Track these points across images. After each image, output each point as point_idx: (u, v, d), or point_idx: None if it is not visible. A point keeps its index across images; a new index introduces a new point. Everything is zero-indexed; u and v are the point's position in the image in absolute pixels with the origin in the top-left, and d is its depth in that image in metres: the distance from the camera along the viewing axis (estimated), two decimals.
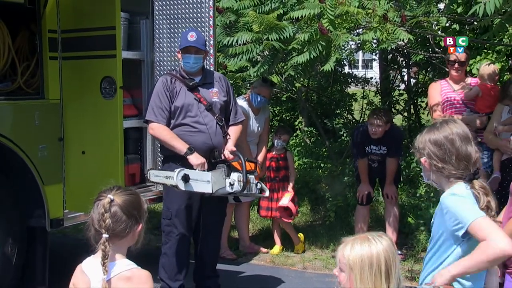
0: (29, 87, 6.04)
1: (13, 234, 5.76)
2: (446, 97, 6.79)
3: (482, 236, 2.78)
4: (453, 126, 3.08)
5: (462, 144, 3.01)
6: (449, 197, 2.95)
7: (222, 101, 5.93)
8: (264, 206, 7.78)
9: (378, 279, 2.63)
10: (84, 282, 2.92)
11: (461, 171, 2.99)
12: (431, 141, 3.07)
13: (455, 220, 2.87)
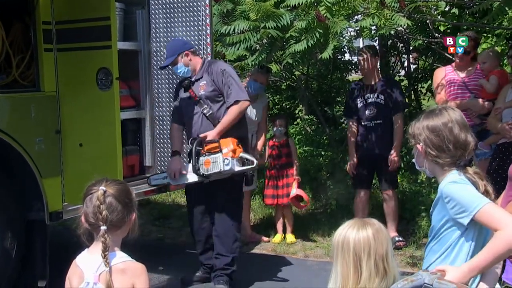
0: (24, 79, 6.01)
1: (12, 227, 5.76)
2: (450, 82, 6.78)
3: (495, 225, 2.74)
4: (452, 113, 3.03)
5: (460, 132, 2.97)
6: (450, 185, 2.90)
7: (209, 92, 6.11)
8: (269, 194, 7.81)
9: (349, 262, 2.66)
10: (78, 276, 2.92)
11: (456, 159, 2.96)
12: (429, 127, 3.02)
13: (459, 208, 2.83)
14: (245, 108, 6.16)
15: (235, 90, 6.06)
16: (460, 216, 2.83)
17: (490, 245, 2.75)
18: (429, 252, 3.03)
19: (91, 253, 2.92)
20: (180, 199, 9.82)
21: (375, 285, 2.64)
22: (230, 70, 6.20)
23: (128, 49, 6.77)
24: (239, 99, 6.04)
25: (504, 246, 2.70)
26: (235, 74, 6.19)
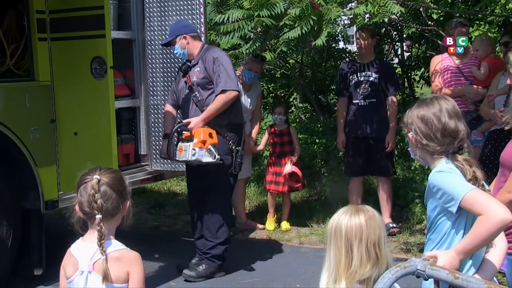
0: (18, 69, 6.01)
1: (8, 217, 5.79)
2: (446, 69, 6.81)
3: (478, 210, 2.76)
4: (443, 102, 3.04)
5: (449, 120, 2.97)
6: (436, 174, 2.93)
7: (200, 79, 6.14)
8: (271, 180, 7.79)
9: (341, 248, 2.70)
10: (72, 264, 2.93)
11: (445, 147, 2.97)
12: (419, 116, 3.03)
13: (447, 197, 2.84)
14: (232, 98, 6.06)
15: (224, 79, 6.03)
16: (449, 205, 2.85)
17: (474, 229, 2.77)
18: (428, 242, 3.05)
19: (86, 241, 2.92)
20: (175, 187, 9.83)
21: (367, 270, 2.66)
22: (223, 58, 6.15)
23: (122, 38, 6.76)
24: (226, 89, 6.01)
25: (486, 230, 2.72)
26: (227, 62, 6.13)
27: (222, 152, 6.06)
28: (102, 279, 2.82)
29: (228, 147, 6.11)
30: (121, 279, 2.85)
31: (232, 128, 6.17)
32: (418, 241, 6.99)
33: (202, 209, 6.32)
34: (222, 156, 6.05)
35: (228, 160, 6.12)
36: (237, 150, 6.13)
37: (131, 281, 2.87)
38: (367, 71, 7.41)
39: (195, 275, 6.14)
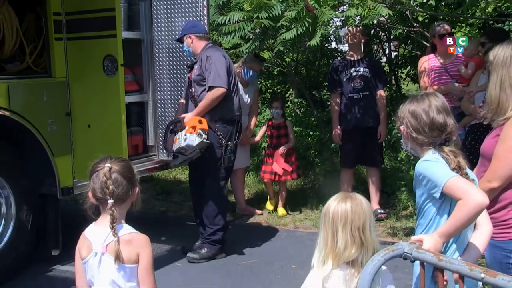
0: (37, 66, 6.01)
1: (27, 202, 5.82)
2: (433, 69, 6.80)
3: (458, 195, 2.77)
4: (433, 98, 3.05)
5: (437, 115, 2.98)
6: (421, 163, 2.96)
7: (196, 75, 6.16)
8: (267, 170, 7.79)
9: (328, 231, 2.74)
10: (86, 247, 2.94)
11: (433, 139, 2.98)
12: (410, 111, 3.05)
13: (431, 184, 2.86)
14: (220, 94, 6.00)
15: (212, 76, 6.00)
16: (433, 191, 2.87)
17: (454, 213, 2.78)
18: (417, 227, 3.06)
19: (99, 225, 2.93)
20: (180, 176, 9.83)
21: (352, 253, 2.69)
22: (214, 57, 6.07)
23: (132, 38, 6.75)
24: (213, 85, 5.99)
25: (466, 213, 2.74)
26: (219, 61, 6.05)
27: (213, 145, 6.08)
28: (115, 260, 2.83)
29: (218, 140, 6.10)
30: (131, 260, 2.86)
31: (223, 123, 6.15)
32: (404, 226, 7.01)
33: (200, 197, 6.34)
34: (215, 149, 6.08)
35: (219, 153, 6.12)
36: (227, 145, 6.11)
37: (141, 262, 2.88)
38: (358, 66, 7.40)
39: (198, 257, 6.16)
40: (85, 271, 2.94)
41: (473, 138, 6.06)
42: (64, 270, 5.79)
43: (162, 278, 5.57)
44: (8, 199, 5.71)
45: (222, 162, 6.15)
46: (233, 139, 6.19)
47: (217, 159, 6.14)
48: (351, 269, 2.71)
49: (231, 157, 6.18)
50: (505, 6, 6.53)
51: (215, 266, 6.08)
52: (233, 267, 6.08)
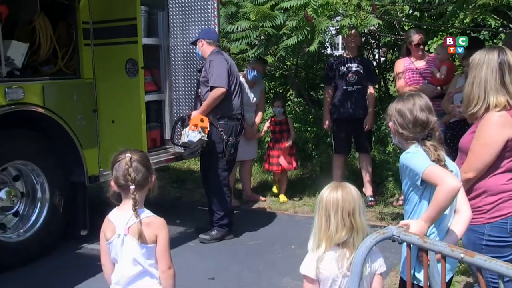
0: (67, 69, 6.01)
1: (59, 188, 5.85)
2: (408, 71, 6.83)
3: (435, 181, 2.78)
4: (418, 99, 3.05)
5: (421, 114, 2.99)
6: (403, 155, 2.98)
7: (202, 77, 6.16)
8: (274, 162, 7.76)
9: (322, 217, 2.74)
10: (110, 229, 2.94)
11: (416, 134, 2.99)
12: (396, 110, 3.06)
13: (413, 173, 2.89)
14: (220, 93, 5.98)
15: (213, 78, 6.00)
16: (415, 179, 2.88)
17: (434, 199, 2.79)
18: (404, 213, 3.07)
19: (121, 210, 2.94)
20: (193, 166, 9.82)
21: (342, 235, 2.70)
22: (217, 61, 6.06)
23: (151, 44, 6.75)
24: (214, 85, 5.99)
25: (443, 197, 2.75)
26: (220, 64, 6.03)
27: (216, 140, 6.09)
28: (137, 239, 2.84)
29: (220, 136, 6.09)
30: (151, 241, 2.87)
31: (224, 120, 6.14)
32: (391, 212, 7.00)
33: (207, 186, 6.36)
34: (216, 144, 6.09)
35: (220, 147, 6.11)
36: (228, 140, 6.11)
37: (159, 242, 2.89)
38: (352, 63, 7.37)
39: (209, 238, 6.17)
40: (109, 250, 2.95)
41: (452, 133, 6.06)
42: (91, 248, 5.80)
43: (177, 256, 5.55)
44: (43, 185, 5.73)
45: (224, 155, 6.15)
46: (233, 134, 6.18)
47: (219, 152, 6.15)
48: (342, 250, 2.71)
49: (231, 150, 6.17)
50: (481, 18, 6.53)
51: (223, 246, 6.09)
52: (240, 247, 6.08)
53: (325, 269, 2.69)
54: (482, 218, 3.26)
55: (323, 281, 2.71)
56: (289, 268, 5.00)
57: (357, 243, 2.67)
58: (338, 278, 2.69)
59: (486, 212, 3.25)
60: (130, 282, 2.90)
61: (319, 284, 2.72)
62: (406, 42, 6.99)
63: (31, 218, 5.68)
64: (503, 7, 5.76)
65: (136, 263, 2.88)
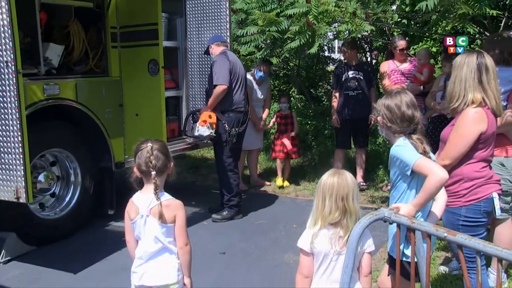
0: (97, 68, 5.98)
1: (90, 173, 5.85)
2: (392, 72, 6.88)
3: (425, 172, 2.77)
4: (404, 95, 3.02)
5: (407, 109, 2.96)
6: (395, 148, 2.94)
7: (210, 75, 6.14)
8: (276, 150, 7.73)
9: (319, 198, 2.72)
10: (134, 210, 2.93)
11: (403, 128, 2.96)
12: (385, 105, 3.02)
13: (403, 164, 2.86)
14: (222, 90, 5.95)
15: (216, 77, 5.98)
16: (405, 170, 2.86)
17: (424, 187, 2.78)
18: (391, 198, 3.04)
19: (143, 193, 2.92)
20: (207, 154, 9.81)
21: (335, 216, 2.67)
22: (220, 61, 6.02)
23: (170, 46, 6.73)
24: (216, 84, 5.98)
25: (432, 187, 2.75)
26: (222, 64, 5.98)
27: (221, 131, 6.10)
28: (158, 219, 2.82)
29: (223, 127, 6.08)
30: (170, 220, 2.86)
31: (227, 113, 6.11)
32: (381, 196, 6.97)
33: (217, 171, 6.36)
34: (221, 134, 6.10)
35: (224, 137, 6.11)
36: (231, 131, 6.09)
37: (177, 221, 2.87)
38: (354, 70, 7.30)
39: (220, 217, 6.16)
40: (133, 229, 2.94)
41: (433, 127, 6.04)
42: (117, 225, 5.80)
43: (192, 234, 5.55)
44: (76, 170, 5.73)
45: (227, 144, 6.14)
46: (235, 126, 6.14)
47: (223, 141, 6.15)
48: (335, 229, 2.68)
49: (234, 140, 6.15)
50: (460, 26, 6.55)
51: (233, 225, 6.08)
52: (247, 225, 6.07)
53: (318, 244, 2.68)
54: (459, 201, 3.27)
55: (316, 254, 2.70)
56: (291, 244, 4.98)
57: (350, 224, 2.65)
58: (330, 254, 2.67)
59: (463, 196, 3.26)
60: (151, 257, 2.89)
61: (313, 257, 2.70)
62: (391, 46, 6.97)
63: (65, 199, 5.69)
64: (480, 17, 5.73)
65: (157, 241, 2.87)
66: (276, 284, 4.47)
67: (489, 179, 3.27)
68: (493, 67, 3.25)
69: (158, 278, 2.87)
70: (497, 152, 3.95)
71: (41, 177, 5.47)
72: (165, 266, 2.87)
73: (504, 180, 3.86)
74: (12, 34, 4.08)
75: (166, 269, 2.87)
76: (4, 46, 4.13)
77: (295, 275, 2.78)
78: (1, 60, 4.17)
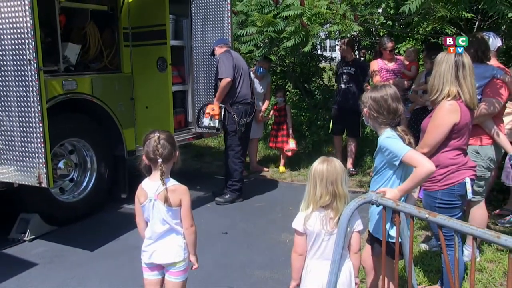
0: (111, 65, 5.95)
1: (105, 160, 5.83)
2: (382, 69, 6.89)
3: (414, 163, 2.73)
4: (389, 89, 2.97)
5: (392, 102, 2.92)
6: (385, 139, 2.88)
7: (216, 72, 6.12)
8: (273, 140, 7.78)
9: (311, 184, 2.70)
10: (143, 195, 2.90)
11: (389, 120, 2.92)
12: (372, 98, 2.97)
13: (392, 155, 2.81)
14: (227, 83, 5.94)
15: (220, 71, 5.97)
16: (394, 160, 2.82)
17: (411, 177, 2.76)
18: (373, 183, 3.01)
19: (151, 179, 2.89)
20: (211, 143, 9.80)
21: (326, 200, 2.64)
22: (223, 57, 6.00)
23: (177, 45, 6.67)
24: (221, 77, 5.97)
25: (419, 177, 2.72)
26: (226, 60, 5.96)
27: (230, 122, 6.07)
28: (164, 203, 2.81)
29: (232, 118, 6.05)
30: (176, 204, 2.83)
31: (235, 105, 6.09)
32: (368, 181, 6.94)
33: (225, 158, 6.33)
34: (229, 125, 6.08)
35: (233, 127, 6.09)
36: (239, 121, 6.07)
37: (183, 205, 2.85)
38: (348, 66, 7.32)
39: (223, 200, 6.15)
40: (142, 211, 2.91)
41: (415, 118, 6.04)
42: (130, 208, 5.79)
43: (197, 215, 5.58)
44: (92, 158, 5.71)
45: (236, 133, 6.12)
46: (243, 116, 6.12)
47: (232, 131, 6.12)
48: (326, 211, 2.67)
49: (242, 129, 6.13)
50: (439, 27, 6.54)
51: (234, 207, 6.07)
52: (248, 207, 6.07)
53: (311, 225, 2.67)
54: (436, 186, 3.27)
55: (309, 234, 2.68)
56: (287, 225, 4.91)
57: (340, 207, 2.63)
58: (322, 234, 2.66)
59: (439, 181, 3.26)
60: (159, 237, 2.87)
61: (306, 237, 2.69)
62: (380, 47, 6.96)
63: (83, 184, 5.68)
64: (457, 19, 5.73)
65: (164, 222, 2.85)
66: (273, 260, 4.47)
67: (462, 166, 3.25)
68: (470, 64, 3.23)
69: (166, 256, 2.85)
70: (472, 141, 3.95)
71: (61, 164, 5.46)
72: (172, 245, 2.86)
73: (479, 166, 3.86)
74: (34, 34, 4.06)
75: (173, 248, 2.86)
76: (28, 46, 4.11)
77: (291, 252, 2.77)
78: (25, 58, 4.15)
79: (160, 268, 2.93)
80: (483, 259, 4.23)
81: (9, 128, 4.36)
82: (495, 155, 4.09)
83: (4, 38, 4.22)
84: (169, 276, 2.91)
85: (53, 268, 4.35)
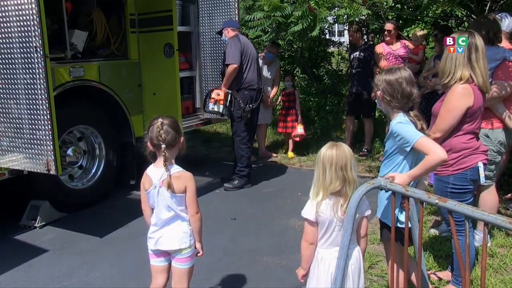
0: (118, 51, 5.91)
1: (113, 147, 5.82)
2: (390, 55, 6.87)
3: (425, 150, 2.65)
4: (404, 72, 2.86)
5: (406, 86, 2.81)
6: (397, 124, 2.79)
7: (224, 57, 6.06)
8: (281, 125, 7.76)
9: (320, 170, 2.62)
10: (148, 182, 2.87)
11: (403, 105, 2.83)
12: (386, 80, 2.86)
13: (404, 140, 2.72)
14: (233, 69, 5.89)
15: (227, 56, 5.92)
16: (405, 146, 2.73)
17: (422, 163, 2.68)
18: (383, 167, 2.93)
19: (156, 166, 2.85)
20: (219, 129, 9.76)
21: (336, 186, 2.57)
22: (231, 43, 5.93)
23: (184, 31, 6.63)
24: (227, 63, 5.92)
25: (430, 164, 2.64)
26: (233, 45, 5.90)
27: (236, 107, 6.03)
28: (167, 189, 2.77)
29: (238, 104, 6.00)
30: (181, 191, 2.79)
31: (242, 91, 6.03)
32: (377, 165, 6.89)
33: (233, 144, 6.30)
34: (235, 111, 6.04)
35: (238, 113, 6.05)
36: (245, 107, 6.02)
37: (188, 191, 2.81)
38: (357, 51, 7.36)
39: (231, 186, 6.13)
40: (148, 198, 2.89)
41: (426, 102, 5.95)
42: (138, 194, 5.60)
43: (206, 201, 5.59)
44: (100, 145, 5.71)
45: (242, 119, 6.08)
46: (248, 102, 6.07)
47: (238, 117, 6.08)
48: (336, 198, 2.60)
49: (248, 115, 6.08)
50: (449, 9, 6.42)
51: (243, 193, 6.05)
52: (256, 193, 6.04)
53: (323, 212, 2.60)
54: (448, 170, 3.21)
55: (321, 223, 2.62)
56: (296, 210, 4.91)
57: (349, 192, 2.57)
58: (334, 222, 2.61)
59: (451, 166, 3.19)
60: (165, 224, 2.85)
61: (318, 226, 2.64)
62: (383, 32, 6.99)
63: (91, 171, 5.68)
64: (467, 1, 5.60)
65: (169, 209, 2.82)
66: (282, 246, 4.45)
67: (475, 150, 3.19)
68: (483, 46, 3.15)
69: (172, 243, 2.83)
70: (483, 124, 3.88)
71: (70, 151, 5.45)
72: (178, 232, 2.83)
73: (489, 150, 3.79)
74: (40, 21, 4.01)
75: (179, 234, 2.83)
76: (33, 33, 4.07)
77: (299, 238, 2.73)
78: (31, 45, 4.12)
79: (166, 254, 2.90)
80: (494, 244, 4.18)
81: (17, 116, 4.35)
82: (506, 139, 4.02)
83: (10, 25, 4.19)
84: (175, 263, 2.89)
85: (63, 254, 4.36)
